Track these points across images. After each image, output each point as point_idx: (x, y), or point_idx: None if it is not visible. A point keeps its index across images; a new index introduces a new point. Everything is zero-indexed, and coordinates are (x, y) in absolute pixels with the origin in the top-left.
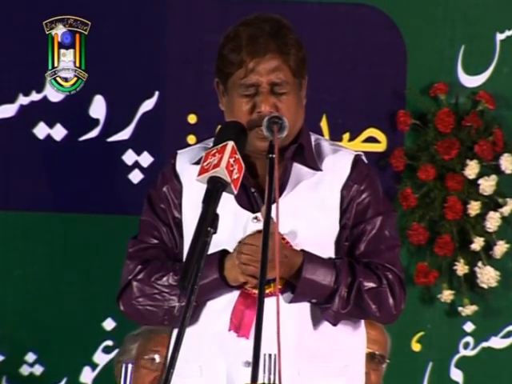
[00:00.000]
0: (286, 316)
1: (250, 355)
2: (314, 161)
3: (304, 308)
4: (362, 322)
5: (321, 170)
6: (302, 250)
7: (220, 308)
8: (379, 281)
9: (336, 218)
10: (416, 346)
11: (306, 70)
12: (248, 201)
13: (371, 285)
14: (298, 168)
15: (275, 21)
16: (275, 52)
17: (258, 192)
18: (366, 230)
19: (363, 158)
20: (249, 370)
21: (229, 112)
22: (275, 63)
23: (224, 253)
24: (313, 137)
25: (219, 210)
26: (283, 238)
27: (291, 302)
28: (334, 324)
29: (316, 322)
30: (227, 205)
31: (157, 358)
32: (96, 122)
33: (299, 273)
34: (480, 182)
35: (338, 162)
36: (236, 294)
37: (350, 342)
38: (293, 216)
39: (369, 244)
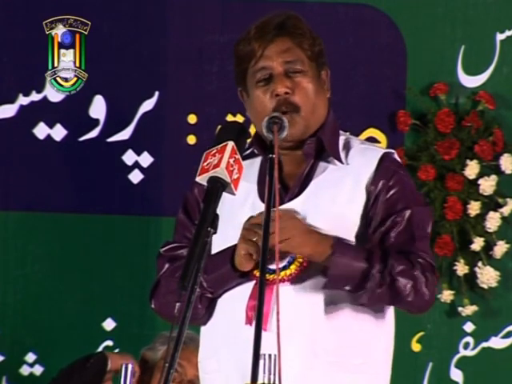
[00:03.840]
0: (299, 308)
1: (266, 347)
2: (337, 153)
3: (318, 301)
4: (387, 317)
5: (342, 163)
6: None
7: (235, 301)
8: (412, 265)
9: (358, 213)
10: (416, 346)
11: (326, 64)
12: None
13: (404, 267)
14: (321, 163)
15: (286, 14)
16: (286, 36)
17: (283, 187)
18: (397, 222)
19: (394, 155)
20: (262, 362)
21: (252, 111)
22: (286, 45)
23: None
24: (343, 136)
25: (239, 202)
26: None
27: (325, 287)
28: (369, 305)
29: (330, 316)
30: (248, 197)
31: (177, 369)
32: (96, 122)
33: (331, 256)
34: (480, 182)
35: (365, 158)
36: (250, 285)
37: (370, 339)
38: (315, 211)
39: (399, 235)
